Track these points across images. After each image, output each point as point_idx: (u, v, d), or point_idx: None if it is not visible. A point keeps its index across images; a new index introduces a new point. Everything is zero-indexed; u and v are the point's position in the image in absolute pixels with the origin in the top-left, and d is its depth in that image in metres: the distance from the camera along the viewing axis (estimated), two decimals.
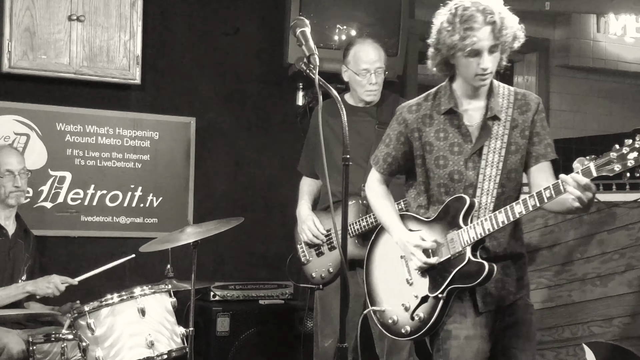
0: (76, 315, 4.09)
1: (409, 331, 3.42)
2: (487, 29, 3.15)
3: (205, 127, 6.24)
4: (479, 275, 3.22)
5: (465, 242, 3.25)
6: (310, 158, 4.90)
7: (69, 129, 5.80)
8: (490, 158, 3.31)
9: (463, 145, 3.33)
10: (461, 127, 3.33)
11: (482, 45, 3.16)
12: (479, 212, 3.29)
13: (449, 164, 3.34)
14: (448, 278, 3.29)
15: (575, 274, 5.03)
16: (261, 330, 5.69)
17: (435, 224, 3.38)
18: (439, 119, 3.38)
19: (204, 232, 4.55)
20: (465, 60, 3.21)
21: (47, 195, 5.72)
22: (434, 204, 3.43)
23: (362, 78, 4.63)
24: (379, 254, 3.66)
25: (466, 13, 3.16)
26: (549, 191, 3.03)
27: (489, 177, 3.30)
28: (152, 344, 4.07)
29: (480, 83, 3.27)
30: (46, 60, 5.41)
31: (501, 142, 3.31)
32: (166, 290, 4.33)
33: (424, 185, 3.46)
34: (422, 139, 3.40)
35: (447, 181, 3.36)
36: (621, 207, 4.88)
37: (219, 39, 6.30)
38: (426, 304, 3.36)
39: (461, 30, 3.15)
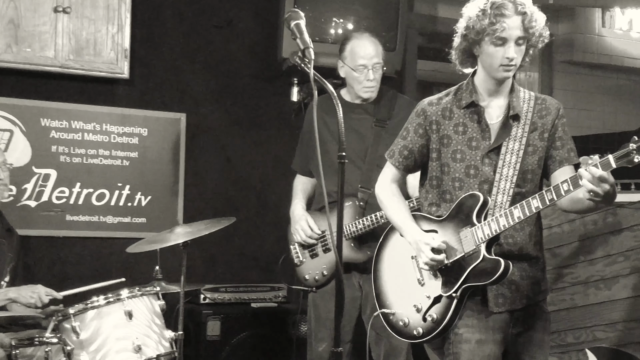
0: (61, 318, 4.03)
1: (422, 333, 3.40)
2: (517, 18, 3.22)
3: (195, 124, 6.15)
4: (494, 272, 3.20)
5: (479, 239, 3.25)
6: (304, 156, 4.83)
7: (54, 124, 5.71)
8: (508, 159, 3.34)
9: (481, 141, 3.37)
10: (481, 122, 3.38)
11: (510, 33, 3.22)
12: (494, 210, 3.31)
13: (466, 158, 3.38)
14: (462, 276, 3.28)
15: (578, 277, 5.01)
16: (253, 334, 5.61)
17: (448, 223, 3.39)
18: (459, 113, 3.42)
19: (194, 233, 4.47)
20: (491, 48, 3.25)
21: (31, 194, 5.63)
22: (445, 201, 3.44)
23: (359, 74, 4.53)
24: (388, 256, 3.65)
25: (498, 1, 3.23)
26: (566, 184, 3.03)
27: (505, 177, 3.33)
28: (139, 348, 4.02)
29: (503, 74, 3.30)
30: (31, 53, 5.34)
31: (519, 143, 3.34)
32: (154, 292, 4.29)
33: (437, 180, 3.47)
34: (440, 132, 3.44)
35: (463, 176, 3.38)
36: (626, 207, 4.86)
37: (211, 32, 6.22)
38: (439, 304, 3.35)
39: (492, 16, 3.20)
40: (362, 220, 4.43)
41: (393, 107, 4.61)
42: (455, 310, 3.30)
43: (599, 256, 4.90)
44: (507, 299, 3.34)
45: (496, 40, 3.21)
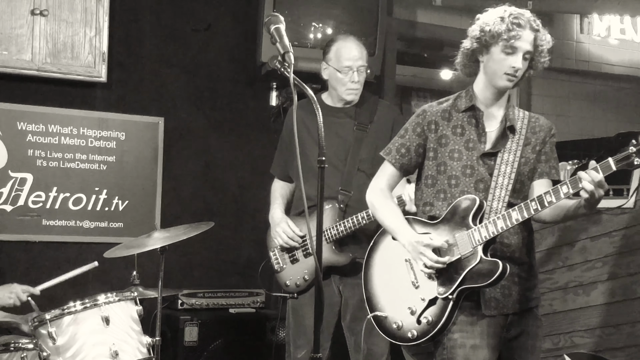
0: (37, 324, 3.98)
1: (416, 335, 3.41)
2: (531, 34, 3.34)
3: (174, 128, 6.11)
4: (492, 274, 3.24)
5: (476, 241, 3.30)
6: (283, 160, 4.80)
7: (31, 128, 5.65)
8: (503, 169, 3.42)
9: (477, 143, 3.46)
10: (479, 126, 3.47)
11: (521, 45, 3.31)
12: (490, 216, 3.36)
13: (463, 157, 3.45)
14: (459, 278, 3.31)
15: (557, 283, 5.02)
16: (231, 340, 5.58)
17: (443, 225, 3.43)
18: (458, 116, 3.52)
19: (172, 237, 4.44)
20: (501, 55, 3.34)
21: (6, 198, 5.56)
22: (439, 200, 3.49)
23: (344, 76, 4.52)
24: (379, 259, 3.67)
25: (515, 13, 3.35)
26: (565, 187, 3.14)
27: (501, 185, 3.40)
28: (116, 354, 3.98)
29: (506, 83, 3.39)
30: (7, 56, 5.28)
31: (514, 156, 3.43)
32: (132, 297, 4.23)
33: (432, 179, 3.53)
34: (438, 132, 3.51)
35: (459, 174, 3.45)
36: (604, 213, 4.87)
37: (189, 35, 6.17)
38: (434, 306, 3.38)
39: (509, 23, 3.30)
40: (343, 223, 4.40)
41: (374, 111, 4.60)
42: (451, 313, 3.33)
43: (578, 262, 4.91)
44: (499, 302, 3.38)
45: (507, 48, 3.31)
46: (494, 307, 3.37)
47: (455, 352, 3.35)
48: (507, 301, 3.40)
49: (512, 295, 3.41)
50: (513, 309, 3.42)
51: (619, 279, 4.75)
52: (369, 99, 4.68)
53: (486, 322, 3.37)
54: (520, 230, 3.43)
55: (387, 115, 4.62)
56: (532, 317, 3.50)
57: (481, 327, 3.36)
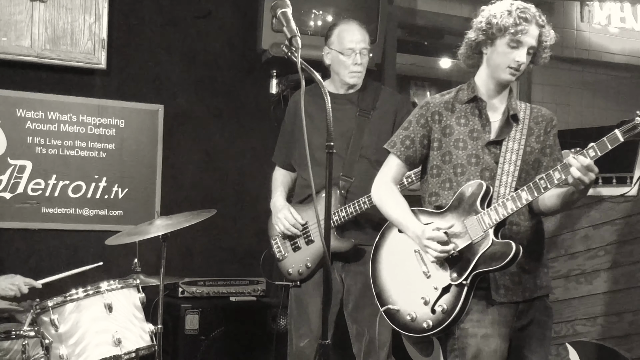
0: (39, 311, 3.98)
1: (432, 325, 3.38)
2: (536, 29, 3.36)
3: (173, 115, 6.08)
4: (505, 256, 3.22)
5: (487, 224, 3.29)
6: (285, 148, 4.78)
7: (30, 115, 5.61)
8: (509, 156, 3.42)
9: (482, 132, 3.46)
10: (482, 116, 3.47)
11: (526, 40, 3.34)
12: (498, 201, 3.35)
13: (468, 147, 3.45)
14: (472, 263, 3.30)
15: (559, 271, 4.99)
16: (232, 328, 5.58)
17: (450, 213, 3.42)
18: (461, 107, 3.52)
19: (174, 225, 4.44)
20: (506, 48, 3.36)
21: (6, 186, 5.53)
22: (445, 189, 3.50)
23: (347, 58, 4.49)
24: (387, 253, 3.65)
25: (522, 7, 3.37)
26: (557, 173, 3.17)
27: (507, 172, 3.40)
28: (119, 341, 3.98)
29: (508, 77, 3.40)
30: (6, 42, 5.27)
31: (518, 144, 3.43)
32: (134, 285, 4.23)
33: (437, 169, 3.53)
34: (442, 123, 3.52)
35: (465, 162, 3.45)
36: (607, 201, 4.86)
37: (189, 22, 6.14)
38: (448, 294, 3.35)
39: (517, 17, 3.31)
40: (345, 209, 4.39)
41: (377, 97, 4.58)
42: (466, 299, 3.30)
43: (580, 250, 4.90)
44: (509, 290, 3.38)
45: (513, 42, 3.33)
46: (503, 294, 3.37)
47: (467, 341, 3.33)
48: (517, 289, 3.39)
49: (521, 283, 3.41)
50: (523, 297, 3.41)
51: (621, 267, 4.74)
52: (372, 86, 4.66)
53: (497, 310, 3.36)
54: (530, 218, 3.44)
55: (389, 102, 4.60)
56: (542, 306, 3.49)
57: (492, 316, 3.35)
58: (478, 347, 3.32)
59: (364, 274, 4.39)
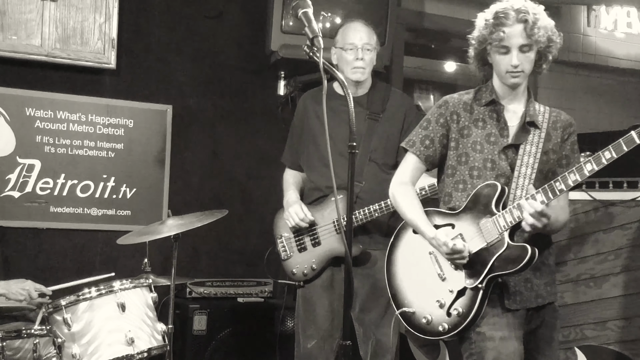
0: (51, 310, 3.97)
1: (447, 328, 3.36)
2: (518, 27, 3.30)
3: (182, 115, 6.08)
4: (521, 259, 3.21)
5: (502, 227, 3.27)
6: (294, 149, 4.77)
7: (39, 114, 5.61)
8: (526, 160, 3.39)
9: (499, 137, 3.44)
10: (500, 120, 3.45)
11: (511, 42, 3.31)
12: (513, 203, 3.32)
13: (485, 150, 3.44)
14: (487, 266, 3.27)
15: (568, 275, 4.96)
16: (239, 329, 5.57)
17: (465, 215, 3.41)
18: (479, 109, 3.50)
19: (186, 225, 4.44)
20: (497, 56, 3.37)
21: (14, 184, 5.52)
22: (458, 191, 3.48)
23: (349, 54, 4.47)
24: (402, 254, 3.62)
25: (500, 11, 3.34)
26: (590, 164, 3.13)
27: (524, 175, 3.38)
28: (132, 340, 3.97)
29: (511, 80, 3.38)
30: (16, 41, 5.27)
31: (536, 148, 3.40)
32: (147, 284, 4.24)
33: (452, 169, 3.52)
34: (460, 123, 3.50)
35: (481, 166, 3.43)
36: (618, 205, 4.83)
37: (199, 23, 6.15)
38: (464, 297, 3.33)
39: (492, 26, 3.33)
40: (355, 215, 4.36)
41: (387, 100, 4.56)
42: (482, 302, 3.28)
43: (590, 254, 4.87)
44: (523, 296, 3.37)
45: (500, 48, 3.33)
46: (518, 300, 3.36)
47: (485, 344, 3.31)
48: (530, 295, 3.39)
49: (534, 289, 3.40)
50: (536, 303, 3.41)
51: (631, 272, 4.72)
52: (381, 88, 4.64)
53: (511, 314, 3.35)
54: None
55: (399, 104, 4.58)
56: (550, 309, 3.48)
57: (507, 319, 3.34)
58: (497, 350, 3.30)
59: (371, 277, 4.39)
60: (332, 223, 4.45)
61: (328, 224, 4.46)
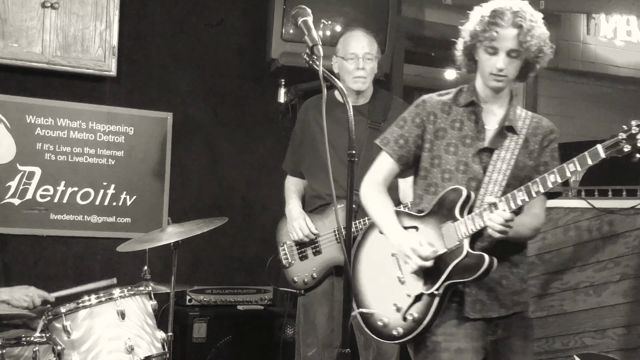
0: (51, 317, 3.93)
1: (401, 333, 3.27)
2: (512, 30, 3.18)
3: (182, 123, 6.09)
4: (478, 268, 3.12)
5: (463, 234, 3.18)
6: (296, 157, 4.76)
7: (40, 121, 5.62)
8: (499, 165, 3.29)
9: (475, 140, 3.33)
10: (478, 122, 3.34)
11: (501, 44, 3.19)
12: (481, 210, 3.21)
13: (459, 152, 3.33)
14: (445, 273, 3.18)
15: (567, 283, 4.98)
16: (239, 337, 5.58)
17: (430, 218, 3.31)
18: (458, 110, 3.39)
19: (186, 232, 4.43)
20: (484, 55, 3.25)
21: (14, 192, 5.53)
22: (429, 193, 3.38)
23: (350, 64, 4.47)
24: (366, 254, 3.51)
25: (498, 9, 3.21)
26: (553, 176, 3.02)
27: (494, 181, 3.27)
28: (131, 348, 3.93)
29: (493, 83, 3.27)
30: (17, 48, 5.27)
31: (511, 154, 3.30)
32: (147, 292, 4.20)
33: (424, 171, 3.42)
34: (436, 124, 3.39)
35: (453, 169, 3.33)
36: (617, 214, 4.83)
37: (199, 31, 6.16)
38: (420, 302, 3.24)
39: (487, 24, 3.20)
40: (355, 224, 4.33)
41: (388, 108, 4.55)
42: (437, 309, 3.19)
43: (589, 262, 4.88)
44: (484, 305, 3.26)
45: (489, 48, 3.20)
46: (479, 309, 3.25)
47: (439, 356, 3.22)
48: (493, 305, 3.27)
49: (498, 298, 3.28)
50: (498, 313, 3.29)
51: (631, 280, 4.72)
52: (383, 96, 4.63)
53: (470, 324, 3.25)
54: None
55: (400, 113, 4.57)
56: (519, 319, 3.36)
57: (465, 330, 3.24)
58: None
59: None
60: (333, 232, 4.45)
61: (329, 233, 4.46)
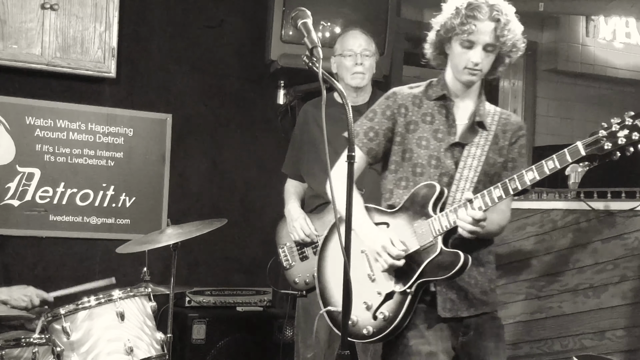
0: (50, 319, 3.94)
1: (372, 332, 3.19)
2: (489, 24, 3.15)
3: (182, 125, 6.08)
4: (453, 266, 3.06)
5: (437, 230, 3.13)
6: (295, 159, 4.76)
7: (39, 123, 5.62)
8: (470, 162, 3.26)
9: (446, 135, 3.28)
10: (449, 117, 3.29)
11: (478, 38, 3.15)
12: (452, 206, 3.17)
13: (430, 147, 3.27)
14: (417, 271, 3.13)
15: (566, 285, 4.95)
16: (238, 338, 5.58)
17: (401, 214, 3.25)
18: (429, 104, 3.32)
19: (185, 234, 4.42)
20: (459, 49, 3.19)
21: (14, 193, 5.52)
22: (400, 188, 3.32)
23: (348, 60, 4.50)
24: (333, 250, 3.40)
25: (475, 3, 3.16)
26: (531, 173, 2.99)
27: (465, 178, 3.24)
28: (131, 350, 3.93)
29: (466, 77, 3.23)
30: (17, 50, 5.25)
31: (481, 150, 3.27)
32: (146, 293, 4.19)
33: (395, 165, 3.36)
34: (407, 117, 3.32)
35: (425, 163, 3.28)
36: (616, 215, 4.81)
37: (199, 32, 6.16)
38: (391, 301, 3.17)
39: (464, 17, 3.14)
40: None
41: None
42: (409, 308, 3.13)
43: (588, 264, 4.85)
44: (454, 304, 3.23)
45: (464, 42, 3.15)
46: (449, 308, 3.21)
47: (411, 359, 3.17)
48: (462, 303, 3.24)
49: (467, 298, 3.25)
50: (468, 312, 3.25)
51: (630, 281, 4.70)
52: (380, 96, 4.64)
53: (441, 326, 3.22)
54: None
55: None
56: (489, 319, 3.33)
57: (436, 332, 3.20)
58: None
59: None
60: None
61: None
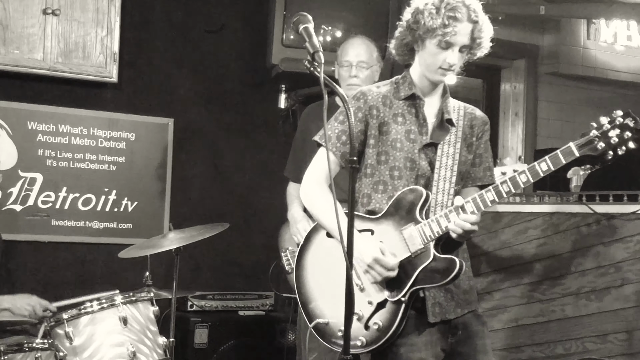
0: (53, 324, 3.98)
1: (365, 342, 3.08)
2: (468, 26, 3.11)
3: (183, 129, 6.09)
4: (449, 272, 3.02)
5: (428, 237, 3.06)
6: (297, 163, 4.73)
7: (41, 128, 5.63)
8: (445, 161, 3.22)
9: (418, 135, 3.22)
10: (419, 116, 3.23)
11: (457, 39, 3.10)
12: (435, 209, 3.15)
13: (404, 149, 3.20)
14: (411, 279, 3.05)
15: (569, 288, 4.94)
16: (241, 342, 5.58)
17: (386, 220, 3.16)
18: (398, 104, 3.24)
19: (187, 238, 4.46)
20: (435, 49, 3.12)
21: (16, 198, 5.53)
22: (378, 192, 3.23)
23: (344, 71, 4.52)
24: (313, 260, 3.29)
25: (453, 3, 3.10)
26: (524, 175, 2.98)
27: (444, 178, 3.20)
28: (133, 354, 3.98)
29: (439, 77, 3.18)
30: (19, 55, 5.26)
31: (454, 149, 3.24)
32: (148, 298, 4.23)
33: (371, 169, 3.26)
34: (379, 119, 3.23)
35: (401, 165, 3.20)
36: (618, 219, 4.80)
37: (200, 37, 6.17)
38: (384, 310, 3.08)
39: (445, 17, 3.07)
40: None
41: None
42: (403, 316, 3.05)
43: (591, 267, 4.84)
44: (442, 307, 3.18)
45: (443, 43, 3.08)
46: (438, 312, 3.15)
47: None
48: (449, 306, 3.20)
49: (453, 299, 3.21)
50: (455, 314, 3.21)
51: (632, 285, 4.69)
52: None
53: (430, 331, 3.15)
54: None
55: None
56: (474, 317, 3.29)
57: (426, 337, 3.14)
58: None
59: None
60: None
61: None
